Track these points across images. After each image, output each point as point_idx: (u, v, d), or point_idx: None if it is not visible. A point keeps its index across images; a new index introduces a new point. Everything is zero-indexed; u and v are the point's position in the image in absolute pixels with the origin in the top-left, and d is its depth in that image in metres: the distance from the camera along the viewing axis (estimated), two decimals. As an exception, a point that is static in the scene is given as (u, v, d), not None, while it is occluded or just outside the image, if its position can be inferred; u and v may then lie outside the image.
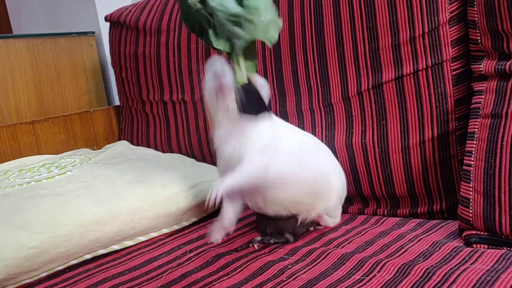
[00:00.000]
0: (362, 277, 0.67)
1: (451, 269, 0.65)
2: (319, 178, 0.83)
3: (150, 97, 1.36)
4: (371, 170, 0.94)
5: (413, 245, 0.75)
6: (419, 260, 0.69)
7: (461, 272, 0.63)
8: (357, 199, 0.99)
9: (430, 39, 0.86)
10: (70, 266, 0.88)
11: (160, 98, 1.33)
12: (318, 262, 0.75)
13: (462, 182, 0.77)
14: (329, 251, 0.78)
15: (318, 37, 0.98)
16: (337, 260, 0.74)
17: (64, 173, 1.05)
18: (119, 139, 1.56)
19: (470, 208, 0.75)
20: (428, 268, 0.65)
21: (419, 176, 0.89)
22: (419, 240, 0.77)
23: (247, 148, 0.76)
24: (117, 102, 1.71)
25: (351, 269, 0.70)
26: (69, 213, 0.89)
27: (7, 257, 0.80)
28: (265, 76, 1.08)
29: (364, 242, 0.80)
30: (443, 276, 0.63)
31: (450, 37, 0.85)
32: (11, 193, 0.97)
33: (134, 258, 0.86)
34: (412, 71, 0.88)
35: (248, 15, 0.65)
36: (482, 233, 0.73)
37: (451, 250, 0.71)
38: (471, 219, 0.74)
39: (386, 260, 0.70)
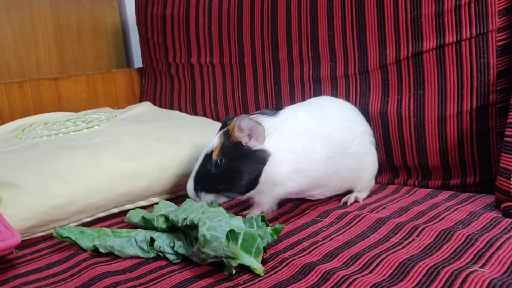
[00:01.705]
0: (401, 240, 0.66)
1: (494, 236, 0.64)
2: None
3: (176, 59, 1.34)
4: (405, 139, 0.93)
5: (449, 214, 0.75)
6: (459, 227, 0.68)
7: (505, 240, 0.62)
8: (387, 169, 0.98)
9: (476, 7, 0.84)
10: (98, 218, 0.88)
11: (187, 61, 1.31)
12: (353, 225, 0.74)
13: (502, 153, 0.76)
14: (363, 215, 0.77)
15: (358, 2, 0.96)
16: (373, 223, 0.74)
17: (92, 127, 1.04)
18: (140, 101, 1.55)
19: (511, 179, 0.73)
20: (469, 235, 0.65)
21: (454, 148, 0.88)
22: (455, 209, 0.76)
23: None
24: (136, 65, 1.70)
25: (388, 232, 0.70)
26: (99, 166, 0.88)
27: (39, 203, 0.79)
28: (299, 41, 1.06)
29: (398, 209, 0.79)
30: (487, 242, 0.62)
31: (498, 6, 0.83)
32: (40, 143, 0.96)
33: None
34: (454, 40, 0.86)
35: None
36: (522, 204, 0.72)
37: (491, 220, 0.70)
38: (511, 190, 0.73)
39: (424, 226, 0.70)
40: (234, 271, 0.61)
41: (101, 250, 0.71)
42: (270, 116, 0.79)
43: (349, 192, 0.87)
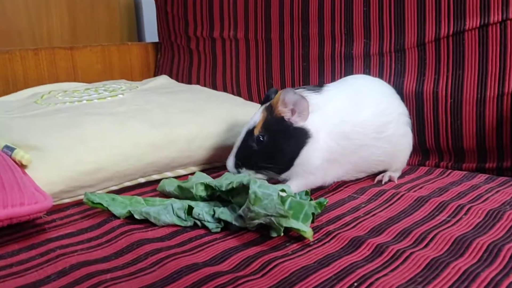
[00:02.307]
0: (448, 218, 0.65)
1: (546, 217, 0.62)
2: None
3: (197, 33, 1.31)
4: (440, 121, 0.91)
5: (492, 195, 0.73)
6: (507, 208, 0.67)
7: (559, 220, 0.61)
8: (417, 151, 0.96)
9: (524, -14, 0.82)
10: (124, 187, 0.85)
11: (209, 35, 1.28)
12: (393, 203, 0.72)
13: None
14: (401, 193, 0.75)
15: (396, -22, 0.94)
16: (414, 201, 0.72)
17: (116, 95, 1.01)
18: (155, 76, 1.51)
19: (557, 162, 0.72)
20: (521, 215, 0.63)
21: (492, 130, 0.86)
22: (497, 191, 0.75)
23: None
24: (148, 39, 1.67)
25: (433, 210, 0.68)
26: (126, 133, 0.86)
27: (66, 169, 0.77)
28: (332, 16, 1.03)
29: (437, 189, 0.77)
30: (541, 222, 0.61)
31: (547, -14, 0.81)
32: (63, 109, 0.93)
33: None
34: (500, 19, 0.84)
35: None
36: None
37: (537, 202, 0.69)
38: (557, 173, 0.72)
39: (469, 205, 0.68)
40: (282, 233, 0.59)
41: (136, 216, 0.68)
42: (314, 92, 0.76)
43: (382, 171, 0.85)
